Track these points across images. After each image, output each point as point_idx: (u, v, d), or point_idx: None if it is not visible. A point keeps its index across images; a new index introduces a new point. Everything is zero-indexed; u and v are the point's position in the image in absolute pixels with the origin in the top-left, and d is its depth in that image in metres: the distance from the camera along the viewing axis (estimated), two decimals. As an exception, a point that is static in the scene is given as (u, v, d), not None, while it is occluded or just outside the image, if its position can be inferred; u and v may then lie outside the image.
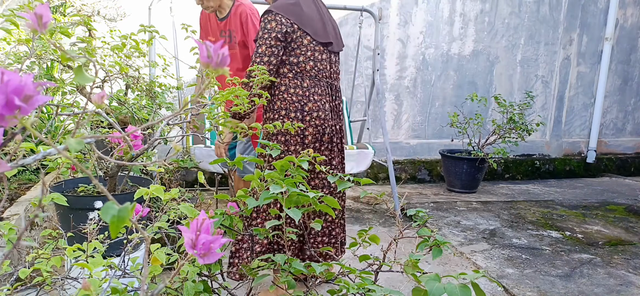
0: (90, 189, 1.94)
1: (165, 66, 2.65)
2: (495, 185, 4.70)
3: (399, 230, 1.23)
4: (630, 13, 5.07)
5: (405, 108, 4.71)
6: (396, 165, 4.65)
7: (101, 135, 0.62)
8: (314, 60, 1.90)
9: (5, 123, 0.45)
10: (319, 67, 1.92)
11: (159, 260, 1.01)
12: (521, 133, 4.17)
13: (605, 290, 2.30)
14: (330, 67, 1.98)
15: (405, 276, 2.26)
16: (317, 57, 1.91)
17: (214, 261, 0.58)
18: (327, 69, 1.96)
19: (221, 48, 0.61)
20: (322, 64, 1.93)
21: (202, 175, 1.31)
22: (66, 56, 0.64)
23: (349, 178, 1.23)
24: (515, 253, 2.76)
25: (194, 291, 0.99)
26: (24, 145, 1.04)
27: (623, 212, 3.75)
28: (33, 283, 1.14)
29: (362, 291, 0.99)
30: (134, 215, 1.04)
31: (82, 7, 2.85)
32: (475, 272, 0.92)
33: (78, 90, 2.20)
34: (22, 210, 2.08)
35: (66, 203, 1.24)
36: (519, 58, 4.86)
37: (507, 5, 4.70)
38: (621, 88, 5.27)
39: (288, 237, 1.18)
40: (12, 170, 0.50)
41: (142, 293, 0.58)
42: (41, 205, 0.60)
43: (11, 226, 1.11)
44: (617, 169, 5.37)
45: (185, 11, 3.79)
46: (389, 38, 4.49)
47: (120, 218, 0.49)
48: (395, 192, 3.35)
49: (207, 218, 0.59)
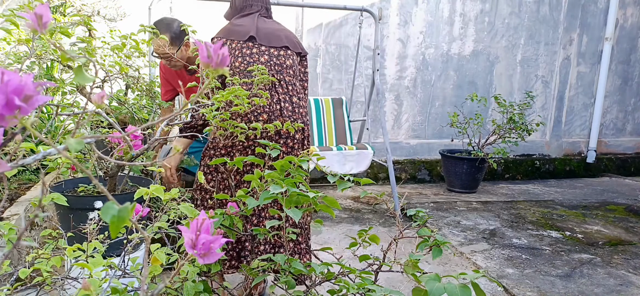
0: (90, 189, 1.94)
1: (165, 66, 2.64)
2: (495, 185, 4.70)
3: (399, 230, 1.23)
4: (630, 13, 5.07)
5: (405, 108, 4.71)
6: (396, 165, 4.65)
7: (101, 135, 0.62)
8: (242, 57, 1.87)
9: (5, 123, 0.45)
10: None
11: (159, 260, 1.01)
12: (521, 133, 4.17)
13: (605, 290, 2.30)
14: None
15: (405, 276, 2.26)
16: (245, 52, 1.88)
17: (214, 261, 0.58)
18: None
19: (221, 48, 0.61)
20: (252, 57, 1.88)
21: (202, 175, 1.31)
22: (66, 56, 0.64)
23: (348, 178, 1.23)
24: (515, 253, 2.76)
25: (194, 291, 1.00)
26: (24, 145, 1.04)
27: (623, 212, 3.75)
28: (33, 283, 1.14)
29: (362, 291, 0.99)
30: (134, 215, 1.04)
31: (82, 7, 2.85)
32: (475, 272, 0.92)
33: (78, 90, 2.20)
34: (22, 210, 2.08)
35: (66, 203, 1.24)
36: (519, 58, 4.86)
37: (507, 5, 4.70)
38: (621, 88, 5.27)
39: (288, 237, 1.18)
40: (12, 170, 0.50)
41: (142, 293, 0.58)
42: (41, 205, 0.60)
43: (11, 226, 1.11)
44: (617, 169, 5.37)
45: (185, 11, 3.79)
46: (389, 38, 4.49)
47: (120, 218, 0.49)
48: (395, 192, 3.35)
49: (207, 218, 0.59)
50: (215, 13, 3.95)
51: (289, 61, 1.94)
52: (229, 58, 1.80)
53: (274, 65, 1.90)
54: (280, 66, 1.92)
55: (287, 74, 1.92)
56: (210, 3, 3.77)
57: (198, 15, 3.91)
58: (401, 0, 4.45)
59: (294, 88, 1.94)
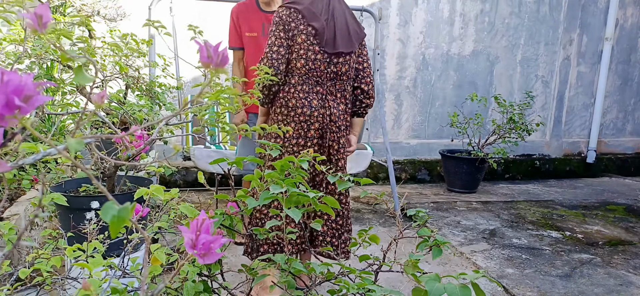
0: (90, 189, 1.94)
1: (165, 66, 2.65)
2: (495, 185, 4.70)
3: (399, 230, 1.23)
4: (630, 13, 5.07)
5: (405, 108, 4.71)
6: (396, 165, 4.65)
7: (102, 135, 0.62)
8: (305, 59, 1.89)
9: (5, 124, 0.45)
10: (309, 66, 1.91)
11: (159, 260, 1.01)
12: (521, 133, 4.17)
13: (605, 290, 2.30)
14: (324, 66, 1.94)
15: (405, 276, 2.26)
16: (309, 55, 1.90)
17: (214, 261, 0.58)
18: (318, 67, 1.92)
19: (221, 47, 0.61)
20: (315, 62, 1.91)
21: (202, 175, 1.31)
22: (66, 56, 0.64)
23: (349, 178, 1.23)
24: (515, 253, 2.76)
25: (194, 291, 0.99)
26: (24, 146, 1.04)
27: (623, 212, 3.75)
28: (33, 283, 1.14)
29: (362, 291, 0.99)
30: (134, 215, 1.04)
31: (82, 7, 2.85)
32: (475, 272, 0.92)
33: (78, 90, 2.20)
34: (22, 210, 2.08)
35: (66, 203, 1.24)
36: (519, 58, 4.86)
37: (507, 5, 4.70)
38: (621, 88, 5.26)
39: (288, 237, 1.18)
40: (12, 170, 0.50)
41: (142, 293, 0.58)
42: (41, 205, 0.60)
43: (11, 227, 1.11)
44: (617, 169, 5.37)
45: (185, 11, 3.79)
46: (389, 38, 4.49)
47: (121, 218, 0.49)
48: (395, 192, 3.35)
49: (207, 218, 0.59)
50: (215, 13, 3.95)
51: (345, 67, 1.98)
52: (294, 23, 1.88)
53: (330, 73, 1.95)
54: (336, 74, 1.97)
55: (340, 81, 1.98)
56: (211, 3, 3.77)
57: (198, 15, 3.91)
58: (401, 0, 4.45)
59: (343, 94, 2.00)
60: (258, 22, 2.63)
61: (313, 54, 1.91)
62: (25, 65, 1.97)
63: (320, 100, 1.96)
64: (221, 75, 0.65)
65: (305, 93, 1.93)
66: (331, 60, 1.96)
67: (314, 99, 1.95)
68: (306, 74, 1.92)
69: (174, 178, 4.07)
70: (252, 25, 2.63)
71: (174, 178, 4.07)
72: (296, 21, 1.88)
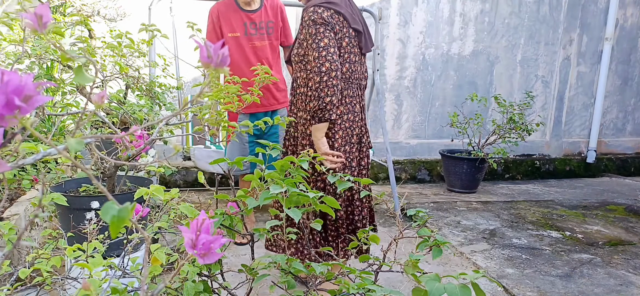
0: (90, 189, 1.94)
1: (165, 66, 2.65)
2: (495, 185, 4.70)
3: (399, 230, 1.23)
4: (630, 13, 5.07)
5: (405, 108, 4.71)
6: (396, 165, 4.65)
7: (102, 135, 0.62)
8: (349, 62, 1.87)
9: (5, 124, 0.45)
10: (353, 69, 1.89)
11: (159, 260, 1.01)
12: (521, 133, 4.17)
13: (605, 290, 2.30)
14: (361, 68, 1.95)
15: (405, 276, 2.26)
16: (351, 59, 1.88)
17: (214, 261, 0.58)
18: (358, 70, 1.92)
19: (221, 47, 0.61)
20: (355, 65, 1.90)
21: (202, 175, 1.31)
22: (66, 56, 0.64)
23: (348, 178, 1.23)
24: (515, 253, 2.76)
25: (194, 291, 0.99)
26: (24, 146, 1.04)
27: (623, 212, 3.75)
28: (33, 283, 1.14)
29: (362, 291, 0.99)
30: (134, 215, 1.04)
31: (82, 7, 2.85)
32: (475, 272, 0.92)
33: (78, 90, 2.20)
34: (22, 210, 2.08)
35: (66, 203, 1.24)
36: (519, 58, 4.86)
37: (507, 5, 4.70)
38: (621, 88, 5.26)
39: (288, 237, 1.18)
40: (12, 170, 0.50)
41: (142, 293, 0.58)
42: (41, 205, 0.60)
43: (11, 227, 1.11)
44: (617, 169, 5.37)
45: (185, 11, 3.80)
46: (389, 38, 4.49)
47: (121, 218, 0.49)
48: (395, 192, 3.35)
49: (207, 218, 0.59)
50: (215, 13, 3.95)
51: (365, 66, 2.01)
52: (338, 26, 1.82)
53: (357, 79, 1.94)
54: (362, 74, 1.98)
55: (364, 80, 2.01)
56: (211, 3, 3.76)
57: (198, 15, 3.91)
58: (401, 0, 4.45)
59: (362, 97, 2.01)
60: (239, 22, 2.62)
61: (355, 57, 1.89)
62: (25, 65, 1.97)
63: (360, 105, 1.96)
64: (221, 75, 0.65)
65: (350, 99, 1.90)
66: (362, 62, 1.97)
67: (356, 104, 1.94)
68: (349, 79, 1.88)
69: (174, 178, 4.07)
70: (234, 25, 2.62)
71: (174, 178, 4.07)
72: (340, 24, 1.82)
